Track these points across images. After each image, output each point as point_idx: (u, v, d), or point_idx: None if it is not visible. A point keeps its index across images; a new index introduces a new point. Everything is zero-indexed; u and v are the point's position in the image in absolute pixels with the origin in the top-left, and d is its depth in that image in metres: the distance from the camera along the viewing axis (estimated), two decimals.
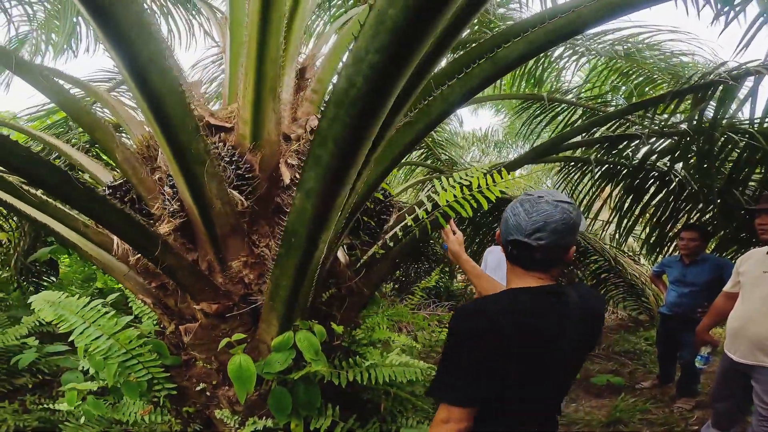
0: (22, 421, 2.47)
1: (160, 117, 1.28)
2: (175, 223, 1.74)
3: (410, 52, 0.68)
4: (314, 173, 0.93)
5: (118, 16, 1.02)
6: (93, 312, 1.91)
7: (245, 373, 1.68)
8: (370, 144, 0.89)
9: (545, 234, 0.98)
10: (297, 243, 1.19)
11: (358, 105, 0.75)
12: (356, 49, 0.68)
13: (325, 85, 2.52)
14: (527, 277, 1.05)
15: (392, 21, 0.62)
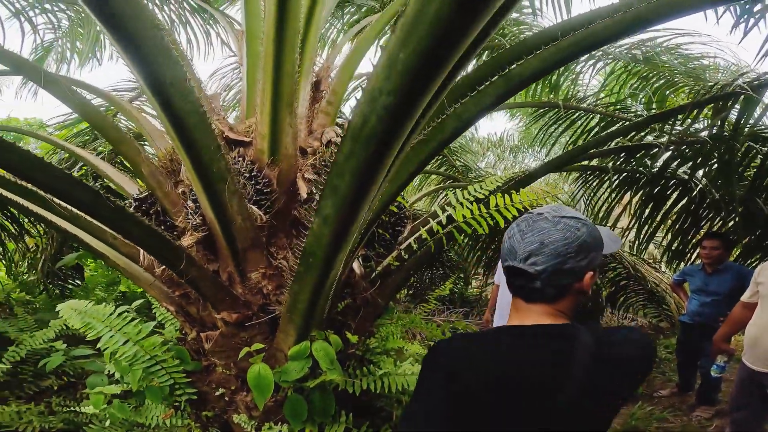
0: (47, 422, 2.56)
1: (183, 137, 1.35)
2: (197, 236, 1.82)
3: (422, 92, 0.72)
4: (331, 201, 0.98)
5: (140, 40, 1.09)
6: (119, 320, 2.01)
7: (264, 381, 1.75)
8: (384, 173, 0.94)
9: (542, 258, 0.82)
10: (314, 263, 1.25)
11: (373, 141, 0.80)
12: (370, 89, 0.73)
13: (339, 96, 2.58)
14: (528, 311, 0.87)
15: (403, 65, 0.66)
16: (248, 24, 2.41)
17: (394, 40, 0.64)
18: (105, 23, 1.02)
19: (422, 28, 0.59)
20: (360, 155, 0.83)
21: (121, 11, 1.00)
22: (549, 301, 0.85)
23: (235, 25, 3.58)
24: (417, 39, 0.61)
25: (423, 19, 0.58)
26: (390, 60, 0.66)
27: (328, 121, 2.47)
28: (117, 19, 1.02)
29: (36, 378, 2.98)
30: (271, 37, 1.71)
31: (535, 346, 0.83)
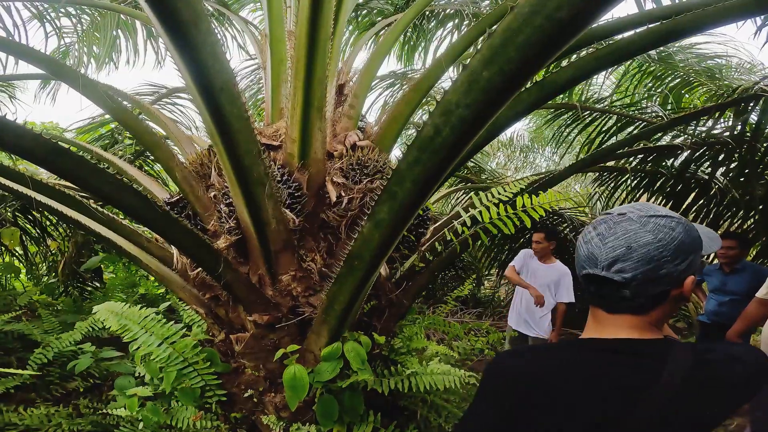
0: (75, 425, 2.59)
1: (226, 141, 1.40)
2: (230, 240, 1.87)
3: (496, 108, 0.76)
4: (387, 207, 1.02)
5: (198, 48, 1.14)
6: (153, 322, 2.06)
7: (299, 382, 1.80)
8: (441, 181, 0.99)
9: (631, 264, 0.73)
10: (359, 265, 1.29)
11: (442, 152, 0.84)
12: (446, 102, 0.77)
13: (361, 100, 2.63)
14: (608, 323, 0.78)
15: (486, 81, 0.70)
16: (272, 29, 2.45)
17: (479, 58, 0.69)
18: (166, 28, 1.07)
19: (512, 51, 0.64)
20: (426, 164, 0.87)
21: (182, 18, 1.04)
22: (638, 312, 0.75)
23: (251, 28, 3.63)
24: (505, 60, 0.65)
25: (514, 42, 0.63)
26: (472, 76, 0.70)
27: (351, 124, 2.51)
28: (178, 24, 1.06)
29: (62, 380, 3.03)
30: (303, 43, 1.75)
31: (616, 363, 0.74)
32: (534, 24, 0.60)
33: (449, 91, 0.76)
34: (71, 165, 1.21)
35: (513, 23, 0.61)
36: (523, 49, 0.63)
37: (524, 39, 0.61)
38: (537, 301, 3.32)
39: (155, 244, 1.99)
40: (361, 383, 2.04)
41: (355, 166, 2.11)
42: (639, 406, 0.71)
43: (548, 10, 0.58)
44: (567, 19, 0.57)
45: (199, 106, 1.34)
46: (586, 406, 0.72)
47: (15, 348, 3.18)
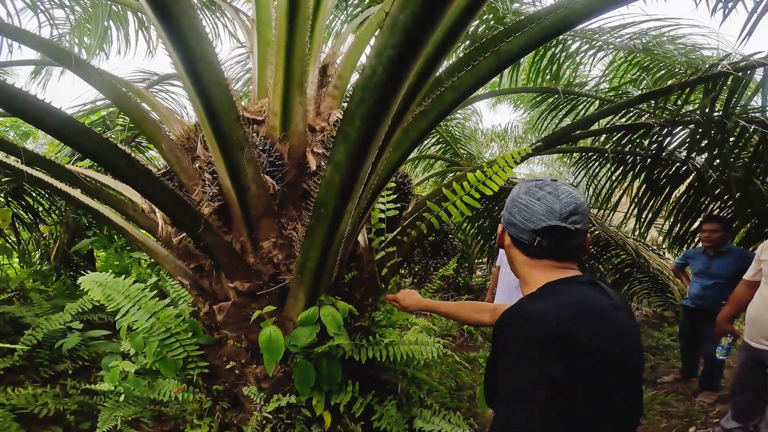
0: (62, 404, 2.70)
1: (207, 106, 1.52)
2: (213, 206, 1.99)
3: (418, 47, 0.89)
4: (343, 148, 1.14)
5: (179, 20, 1.26)
6: (137, 292, 2.17)
7: (275, 344, 1.89)
8: (389, 122, 1.10)
9: (579, 217, 0.90)
10: (325, 213, 1.41)
11: (380, 89, 0.97)
12: (377, 45, 0.90)
13: (345, 81, 2.76)
14: (558, 270, 0.93)
15: (403, 23, 0.84)
16: (258, 12, 2.59)
17: (395, 5, 0.83)
18: (150, 3, 1.19)
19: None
20: (368, 101, 0.99)
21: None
22: (576, 260, 0.95)
23: (242, 16, 3.78)
24: (412, 4, 0.79)
25: None
26: (392, 20, 0.84)
27: (335, 104, 2.64)
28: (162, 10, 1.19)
29: (51, 362, 3.13)
30: (284, 23, 1.88)
31: (598, 293, 0.90)
32: None
33: (379, 36, 0.89)
34: (58, 124, 1.33)
35: None
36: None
37: None
38: None
39: (141, 214, 2.11)
40: (338, 351, 2.14)
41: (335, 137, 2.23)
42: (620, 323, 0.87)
43: None
44: None
45: (181, 76, 1.46)
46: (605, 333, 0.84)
47: (6, 332, 3.29)
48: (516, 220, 0.95)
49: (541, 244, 0.92)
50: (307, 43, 2.11)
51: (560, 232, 0.89)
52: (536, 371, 0.77)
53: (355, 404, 2.27)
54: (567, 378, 0.77)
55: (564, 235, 0.90)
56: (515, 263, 1.03)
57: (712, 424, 3.17)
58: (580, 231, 0.90)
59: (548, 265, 0.93)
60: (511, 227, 0.98)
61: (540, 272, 0.94)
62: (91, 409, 2.81)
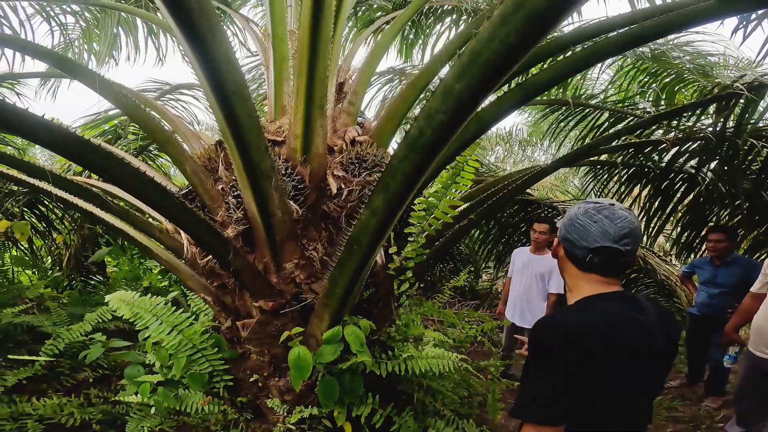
0: (87, 414, 2.76)
1: (237, 138, 1.58)
2: (238, 229, 2.06)
3: (468, 113, 0.96)
4: (382, 197, 1.21)
5: (214, 54, 1.32)
6: (164, 310, 2.25)
7: (303, 363, 1.99)
8: (427, 175, 1.17)
9: (631, 240, 1.03)
10: (358, 249, 1.48)
11: (425, 149, 1.04)
12: (427, 108, 0.97)
13: (360, 96, 2.81)
14: (602, 284, 1.07)
15: (458, 93, 0.90)
16: (274, 28, 2.62)
17: (451, 74, 0.88)
18: (186, 36, 1.24)
19: (476, 69, 0.83)
20: (413, 159, 1.06)
21: (201, 29, 1.22)
22: (619, 276, 1.09)
23: (252, 26, 3.80)
24: (470, 76, 0.85)
25: (477, 62, 0.81)
26: (446, 88, 0.90)
27: (350, 120, 2.70)
28: (197, 34, 1.24)
29: (72, 371, 3.20)
30: (306, 44, 1.93)
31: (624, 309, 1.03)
32: (491, 48, 0.79)
33: (431, 99, 0.95)
34: (101, 160, 1.40)
35: (476, 46, 0.81)
36: (485, 66, 0.82)
37: (485, 59, 0.80)
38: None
39: (167, 235, 2.18)
40: (360, 365, 2.23)
41: (354, 160, 2.29)
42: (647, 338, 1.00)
43: (501, 36, 0.77)
44: (516, 43, 0.76)
45: (212, 106, 1.52)
46: (618, 345, 0.96)
47: (25, 340, 3.36)
48: (572, 237, 1.10)
49: (592, 260, 1.06)
50: (328, 63, 2.16)
51: (612, 252, 1.03)
52: (552, 372, 0.96)
53: (375, 416, 2.36)
54: (578, 381, 0.94)
55: (614, 256, 1.04)
56: (565, 273, 1.18)
57: (717, 428, 3.29)
58: (630, 252, 1.04)
59: (594, 279, 1.08)
60: (566, 242, 1.12)
61: (586, 284, 1.09)
62: (115, 418, 2.88)
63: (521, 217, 4.78)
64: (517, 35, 0.75)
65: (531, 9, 0.71)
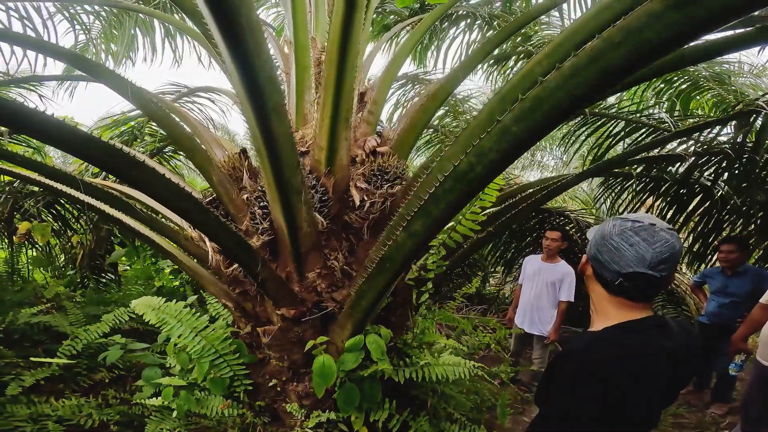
0: (105, 415, 2.80)
1: (272, 154, 1.63)
2: (263, 240, 2.12)
3: (521, 153, 1.01)
4: (422, 222, 1.27)
5: (258, 71, 1.36)
6: (188, 315, 2.31)
7: (327, 370, 2.05)
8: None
9: (669, 266, 0.96)
10: (390, 267, 1.54)
11: (473, 183, 1.09)
12: (480, 146, 1.02)
13: (379, 106, 2.85)
14: (630, 309, 1.03)
15: (514, 134, 0.95)
16: (296, 36, 2.65)
17: (510, 116, 0.93)
18: (232, 53, 1.27)
19: (537, 115, 0.88)
20: (459, 191, 1.12)
21: (248, 45, 1.26)
22: (650, 300, 1.03)
23: (269, 29, 3.83)
24: (531, 121, 0.90)
25: (540, 108, 0.87)
26: (504, 129, 0.95)
27: (370, 129, 2.74)
28: (243, 51, 1.28)
29: (89, 371, 3.26)
30: (334, 58, 1.97)
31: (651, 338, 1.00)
32: (556, 97, 0.83)
33: (485, 138, 1.00)
34: (145, 176, 1.45)
35: (541, 93, 0.86)
36: (547, 114, 0.86)
37: (548, 106, 0.85)
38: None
39: (192, 243, 2.24)
40: (380, 373, 2.30)
41: (376, 171, 2.34)
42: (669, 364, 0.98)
43: (569, 87, 0.82)
44: (582, 94, 0.81)
45: (249, 122, 1.56)
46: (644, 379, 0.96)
47: (41, 340, 3.42)
48: (602, 258, 1.03)
49: (622, 284, 1.00)
50: (355, 77, 2.20)
51: (646, 279, 0.97)
52: (570, 400, 0.97)
53: (392, 420, 2.43)
54: (596, 411, 0.94)
55: (648, 282, 0.97)
56: (592, 292, 1.12)
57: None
58: (665, 278, 0.98)
59: (623, 303, 1.03)
60: (595, 262, 1.05)
61: (613, 308, 1.04)
62: (131, 419, 2.94)
63: (531, 225, 4.83)
64: (587, 87, 0.79)
65: (605, 64, 0.75)
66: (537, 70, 1.08)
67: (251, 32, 1.23)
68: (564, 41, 1.01)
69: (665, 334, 1.02)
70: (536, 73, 1.09)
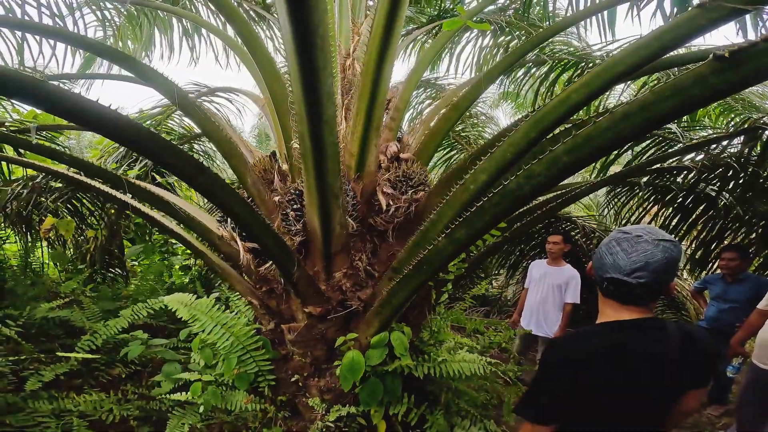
0: (124, 410, 2.89)
1: (318, 162, 1.76)
2: (296, 241, 2.26)
3: (567, 176, 1.18)
4: (465, 231, 1.43)
5: (322, 85, 1.47)
6: (218, 312, 2.44)
7: (356, 366, 2.20)
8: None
9: (646, 273, 1.07)
10: (427, 269, 1.69)
11: (518, 201, 1.26)
12: (529, 170, 1.19)
13: (401, 113, 3.01)
14: (623, 310, 1.14)
15: (564, 163, 1.12)
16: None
17: (563, 148, 1.10)
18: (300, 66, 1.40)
19: (586, 149, 1.04)
20: (503, 206, 1.28)
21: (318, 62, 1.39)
22: (641, 304, 1.14)
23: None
24: (580, 153, 1.07)
25: (589, 144, 1.03)
26: (555, 158, 1.12)
27: (391, 135, 2.89)
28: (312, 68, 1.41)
29: (106, 366, 3.35)
30: (371, 72, 2.12)
31: (635, 337, 1.11)
32: (605, 136, 1.00)
33: (535, 164, 1.17)
34: (208, 181, 1.58)
35: (592, 132, 1.03)
36: (595, 149, 1.04)
37: (597, 143, 1.02)
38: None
39: (224, 242, 2.37)
40: (400, 368, 2.45)
41: (401, 177, 2.50)
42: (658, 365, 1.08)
43: (618, 129, 0.98)
44: (627, 135, 0.98)
45: (301, 129, 1.65)
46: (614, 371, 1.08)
47: (58, 335, 3.51)
48: (594, 265, 1.21)
49: (608, 288, 1.16)
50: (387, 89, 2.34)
51: (622, 284, 1.11)
52: (547, 384, 1.15)
53: (410, 414, 2.58)
54: (569, 398, 1.10)
55: (626, 287, 1.11)
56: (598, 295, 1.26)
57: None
58: (644, 284, 1.09)
59: (614, 305, 1.17)
60: (593, 268, 1.23)
61: (608, 308, 1.19)
62: (149, 414, 3.03)
63: (537, 229, 5.02)
64: (632, 130, 0.96)
65: (652, 114, 0.92)
66: (573, 97, 1.24)
67: (322, 49, 1.37)
68: (602, 72, 1.17)
69: (653, 335, 1.12)
70: (572, 99, 1.25)
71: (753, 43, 0.87)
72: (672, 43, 1.17)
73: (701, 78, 0.90)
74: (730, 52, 0.88)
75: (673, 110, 0.93)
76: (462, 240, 1.44)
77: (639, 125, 0.96)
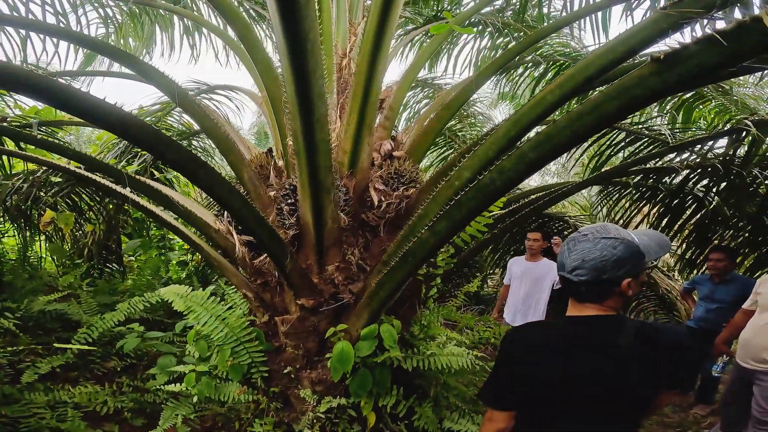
0: (119, 402, 2.97)
1: (310, 158, 1.89)
2: (289, 234, 2.38)
3: (535, 171, 1.30)
4: (445, 223, 1.55)
5: (313, 86, 1.60)
6: (213, 304, 2.56)
7: (346, 356, 2.32)
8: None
9: (585, 271, 1.12)
10: (412, 261, 1.81)
11: (492, 194, 1.38)
12: (500, 166, 1.31)
13: (395, 112, 3.13)
14: (576, 307, 1.21)
15: (530, 159, 1.24)
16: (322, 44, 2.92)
17: (528, 145, 1.22)
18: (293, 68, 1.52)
19: (547, 146, 1.17)
20: (478, 199, 1.41)
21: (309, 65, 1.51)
22: (596, 301, 1.16)
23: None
24: (542, 150, 1.19)
25: (550, 142, 1.15)
26: (521, 154, 1.24)
27: (386, 134, 3.02)
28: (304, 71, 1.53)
29: (101, 359, 3.45)
30: (363, 72, 2.24)
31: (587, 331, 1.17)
32: (563, 134, 1.13)
33: (505, 160, 1.30)
34: (207, 175, 1.70)
35: (552, 131, 1.15)
36: (556, 146, 1.16)
37: (557, 141, 1.15)
38: None
39: (220, 235, 2.49)
40: (389, 360, 2.57)
41: (393, 174, 2.62)
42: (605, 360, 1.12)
43: (574, 127, 1.11)
44: (583, 133, 1.10)
45: (294, 127, 1.77)
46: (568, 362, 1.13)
47: (54, 328, 3.61)
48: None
49: (565, 287, 1.22)
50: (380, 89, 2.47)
51: (566, 281, 1.18)
52: (498, 370, 1.24)
53: (399, 406, 2.70)
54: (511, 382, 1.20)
55: (569, 284, 1.18)
56: None
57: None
58: (585, 282, 1.13)
59: (572, 302, 1.23)
60: None
61: (570, 305, 1.25)
62: (143, 406, 3.13)
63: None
64: (586, 128, 1.09)
65: (603, 112, 1.04)
66: (549, 98, 1.36)
67: (313, 53, 1.49)
68: (575, 74, 1.29)
69: (602, 330, 1.16)
70: (548, 101, 1.38)
71: (685, 45, 0.99)
72: (638, 45, 1.29)
73: (642, 79, 1.03)
74: (665, 54, 1.00)
75: (619, 109, 1.06)
76: (442, 232, 1.57)
77: (592, 123, 1.08)
